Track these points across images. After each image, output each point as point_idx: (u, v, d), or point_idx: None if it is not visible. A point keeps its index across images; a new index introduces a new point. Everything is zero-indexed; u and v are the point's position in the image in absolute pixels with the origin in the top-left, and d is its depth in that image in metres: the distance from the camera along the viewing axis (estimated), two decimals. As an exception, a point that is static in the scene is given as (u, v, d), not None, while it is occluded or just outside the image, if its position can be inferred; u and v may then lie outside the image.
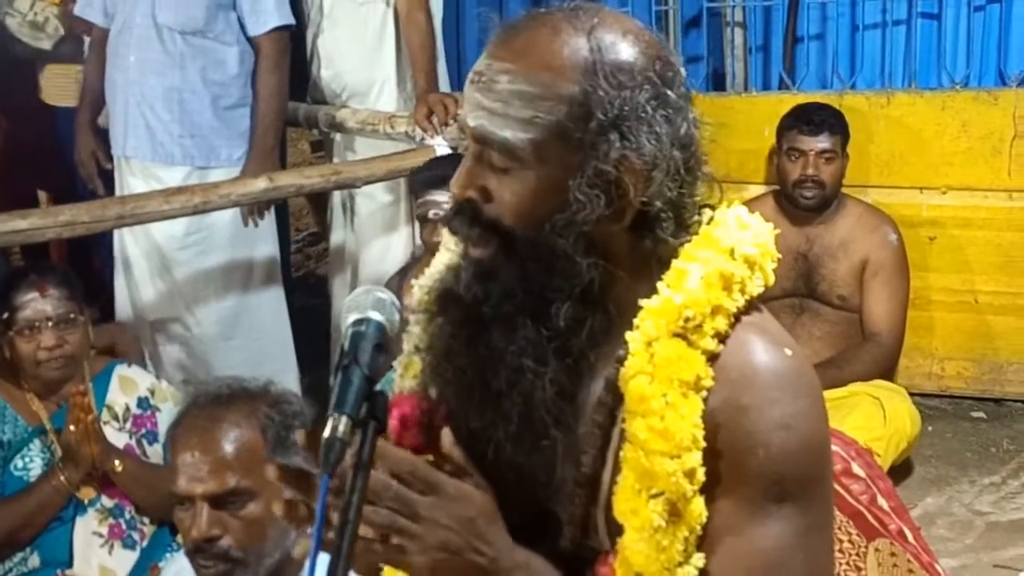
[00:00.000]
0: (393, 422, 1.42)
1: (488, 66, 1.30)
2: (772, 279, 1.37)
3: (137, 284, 4.05)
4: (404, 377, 1.45)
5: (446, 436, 1.35)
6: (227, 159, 3.97)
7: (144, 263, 4.02)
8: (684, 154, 1.31)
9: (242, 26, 3.96)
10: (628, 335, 1.30)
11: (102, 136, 4.12)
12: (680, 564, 1.28)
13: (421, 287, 1.44)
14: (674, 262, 1.33)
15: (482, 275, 1.32)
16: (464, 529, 1.28)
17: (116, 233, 3.99)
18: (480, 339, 1.32)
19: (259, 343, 4.13)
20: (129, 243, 4.02)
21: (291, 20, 4.03)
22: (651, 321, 1.30)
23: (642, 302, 1.31)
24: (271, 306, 4.21)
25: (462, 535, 1.27)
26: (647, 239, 1.32)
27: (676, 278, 1.32)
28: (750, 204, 3.43)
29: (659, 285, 1.31)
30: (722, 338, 1.31)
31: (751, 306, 1.35)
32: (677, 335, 1.29)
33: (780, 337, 1.36)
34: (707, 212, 1.37)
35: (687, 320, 1.29)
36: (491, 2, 5.30)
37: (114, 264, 4.18)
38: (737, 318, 1.33)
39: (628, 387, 1.29)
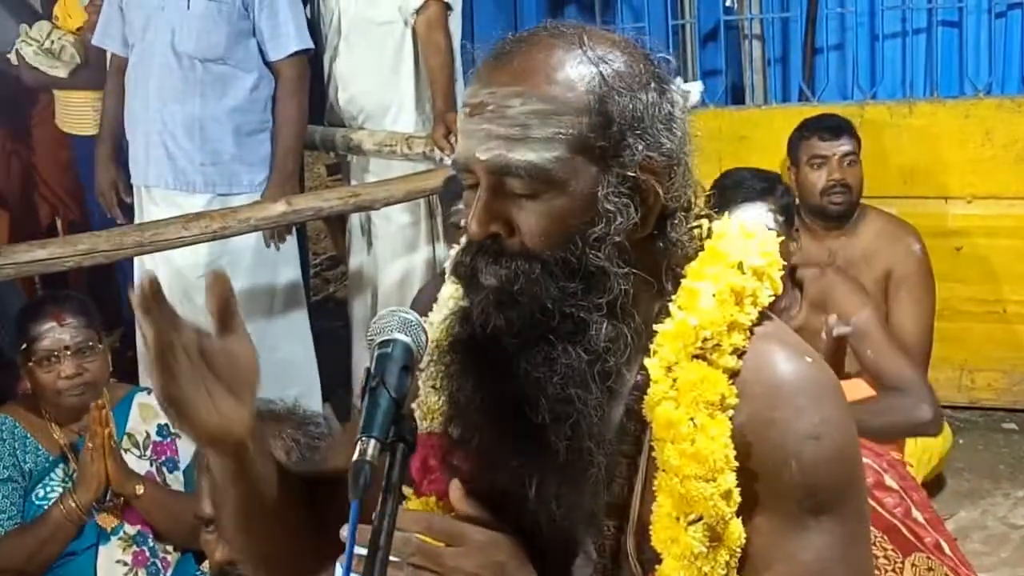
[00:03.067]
0: (415, 464, 1.40)
1: (491, 94, 1.26)
2: (781, 287, 1.36)
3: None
4: (422, 419, 1.41)
5: (454, 490, 1.33)
6: (248, 185, 3.97)
7: (165, 290, 3.98)
8: (690, 147, 1.32)
9: (261, 51, 3.96)
10: (647, 361, 1.29)
11: (123, 167, 4.11)
12: None
13: (434, 325, 1.39)
14: (683, 281, 1.32)
15: (501, 304, 1.27)
16: (494, 575, 1.27)
17: (136, 260, 3.97)
18: (509, 375, 1.28)
19: (282, 368, 4.10)
20: (150, 270, 4.01)
21: (310, 44, 4.04)
22: (668, 346, 1.28)
23: (657, 327, 1.30)
24: (294, 331, 4.20)
25: None
26: (660, 242, 1.31)
27: (688, 299, 1.30)
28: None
29: (672, 307, 1.30)
30: (740, 353, 1.30)
31: (763, 316, 1.34)
32: (696, 356, 1.28)
33: (798, 346, 1.35)
34: (704, 223, 1.36)
35: (705, 340, 1.28)
36: (505, 22, 5.30)
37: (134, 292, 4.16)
38: (751, 331, 1.31)
39: (654, 414, 1.28)
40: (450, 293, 1.41)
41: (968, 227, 4.54)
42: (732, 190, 3.41)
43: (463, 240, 1.34)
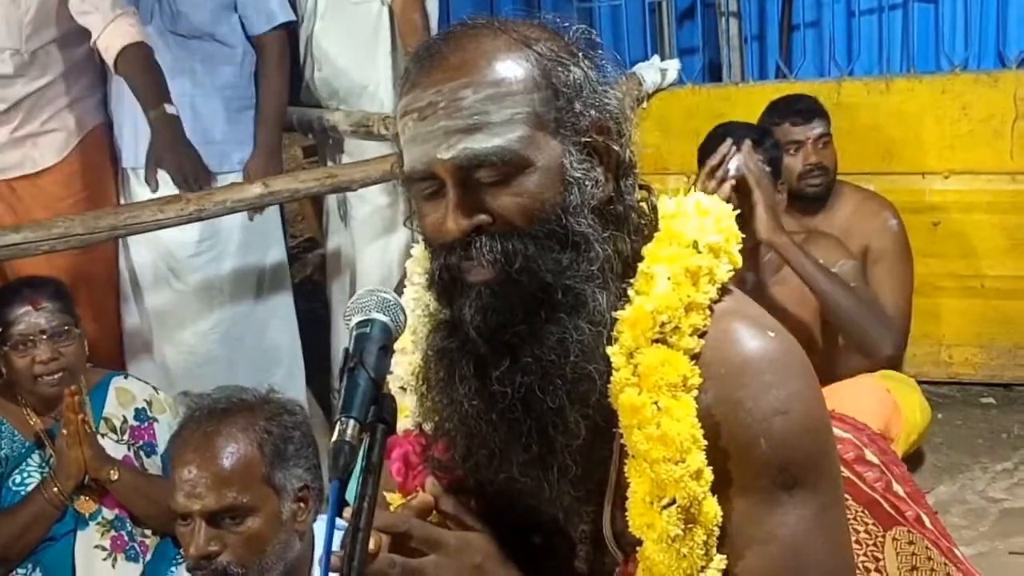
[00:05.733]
0: (396, 464, 1.43)
1: (437, 93, 1.27)
2: (740, 261, 1.38)
3: (144, 293, 4.00)
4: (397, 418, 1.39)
5: (431, 486, 1.35)
6: (239, 163, 3.95)
7: (151, 271, 3.97)
8: (628, 104, 1.37)
9: (243, 26, 3.93)
10: (609, 350, 1.30)
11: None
12: (702, 569, 1.27)
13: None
14: (640, 266, 1.33)
15: (497, 293, 1.27)
16: None
17: (122, 241, 3.93)
18: (516, 370, 1.28)
19: (268, 349, 4.09)
20: (135, 252, 3.97)
21: (293, 16, 4.04)
22: (628, 332, 1.29)
23: (616, 314, 1.30)
24: (280, 312, 4.18)
25: None
26: (619, 206, 1.33)
27: (644, 283, 1.32)
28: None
29: (630, 292, 1.31)
30: (701, 333, 1.31)
31: (723, 292, 1.35)
32: (656, 341, 1.29)
33: (760, 319, 1.36)
34: (644, 194, 1.38)
35: (663, 324, 1.29)
36: (481, 4, 5.28)
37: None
38: (711, 309, 1.32)
39: (619, 402, 1.28)
40: (412, 295, 1.42)
41: (945, 202, 4.55)
42: (722, 137, 3.45)
43: (430, 246, 1.33)
